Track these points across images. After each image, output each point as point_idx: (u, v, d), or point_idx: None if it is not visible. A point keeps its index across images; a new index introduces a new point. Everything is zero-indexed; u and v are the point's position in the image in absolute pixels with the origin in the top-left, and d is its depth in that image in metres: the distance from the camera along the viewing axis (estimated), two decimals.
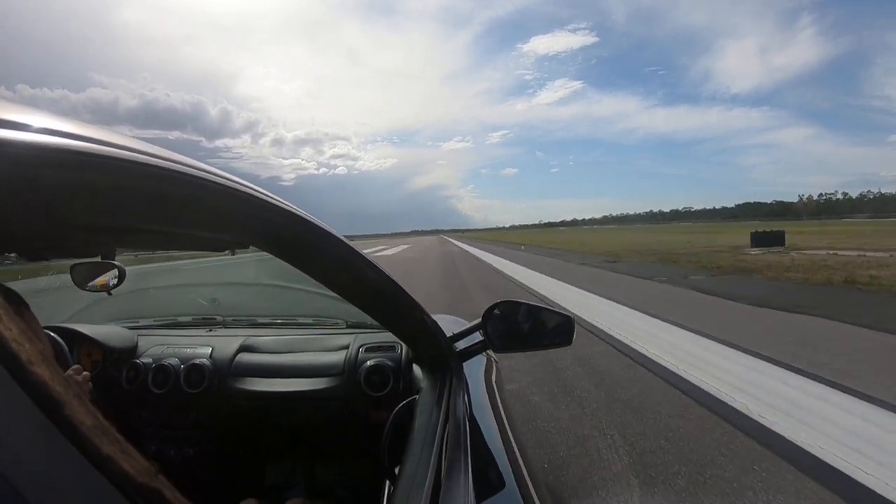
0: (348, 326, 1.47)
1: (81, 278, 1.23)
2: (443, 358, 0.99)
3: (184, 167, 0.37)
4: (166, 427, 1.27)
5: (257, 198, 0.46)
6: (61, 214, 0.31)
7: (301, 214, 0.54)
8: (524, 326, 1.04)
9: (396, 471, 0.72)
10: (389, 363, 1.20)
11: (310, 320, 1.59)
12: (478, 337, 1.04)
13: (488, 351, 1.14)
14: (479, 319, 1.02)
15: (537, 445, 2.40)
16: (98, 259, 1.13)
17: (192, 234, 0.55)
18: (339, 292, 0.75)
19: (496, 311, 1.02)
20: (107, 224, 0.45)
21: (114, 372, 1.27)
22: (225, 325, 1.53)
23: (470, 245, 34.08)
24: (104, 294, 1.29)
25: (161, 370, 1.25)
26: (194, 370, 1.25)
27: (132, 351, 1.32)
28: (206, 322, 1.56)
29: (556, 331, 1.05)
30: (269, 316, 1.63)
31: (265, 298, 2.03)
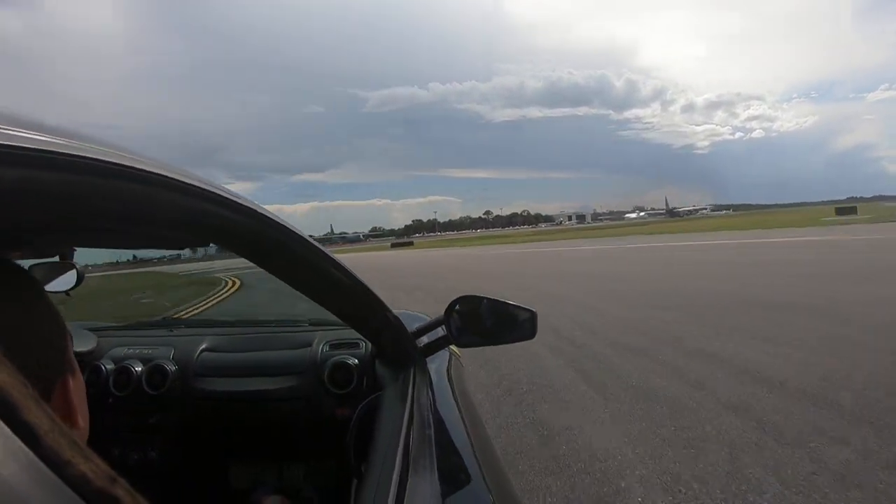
0: (311, 324, 1.46)
1: (39, 280, 1.20)
2: (406, 354, 1.01)
3: (140, 163, 0.37)
4: (128, 430, 1.24)
5: (216, 194, 0.46)
6: (17, 215, 0.31)
7: (261, 212, 0.54)
8: (487, 321, 1.06)
9: (363, 468, 0.72)
10: (353, 360, 1.19)
11: (272, 318, 1.58)
12: (440, 332, 1.06)
13: (451, 346, 1.17)
14: (442, 315, 1.04)
15: None
16: (56, 259, 1.11)
17: (150, 231, 0.55)
18: (301, 290, 0.75)
19: (458, 307, 1.04)
20: (64, 224, 0.45)
21: None
22: (187, 325, 1.51)
23: None
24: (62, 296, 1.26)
25: (122, 372, 1.23)
26: (156, 371, 1.23)
27: (92, 353, 1.29)
28: (168, 322, 1.53)
29: (520, 324, 1.06)
30: (232, 315, 1.61)
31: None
